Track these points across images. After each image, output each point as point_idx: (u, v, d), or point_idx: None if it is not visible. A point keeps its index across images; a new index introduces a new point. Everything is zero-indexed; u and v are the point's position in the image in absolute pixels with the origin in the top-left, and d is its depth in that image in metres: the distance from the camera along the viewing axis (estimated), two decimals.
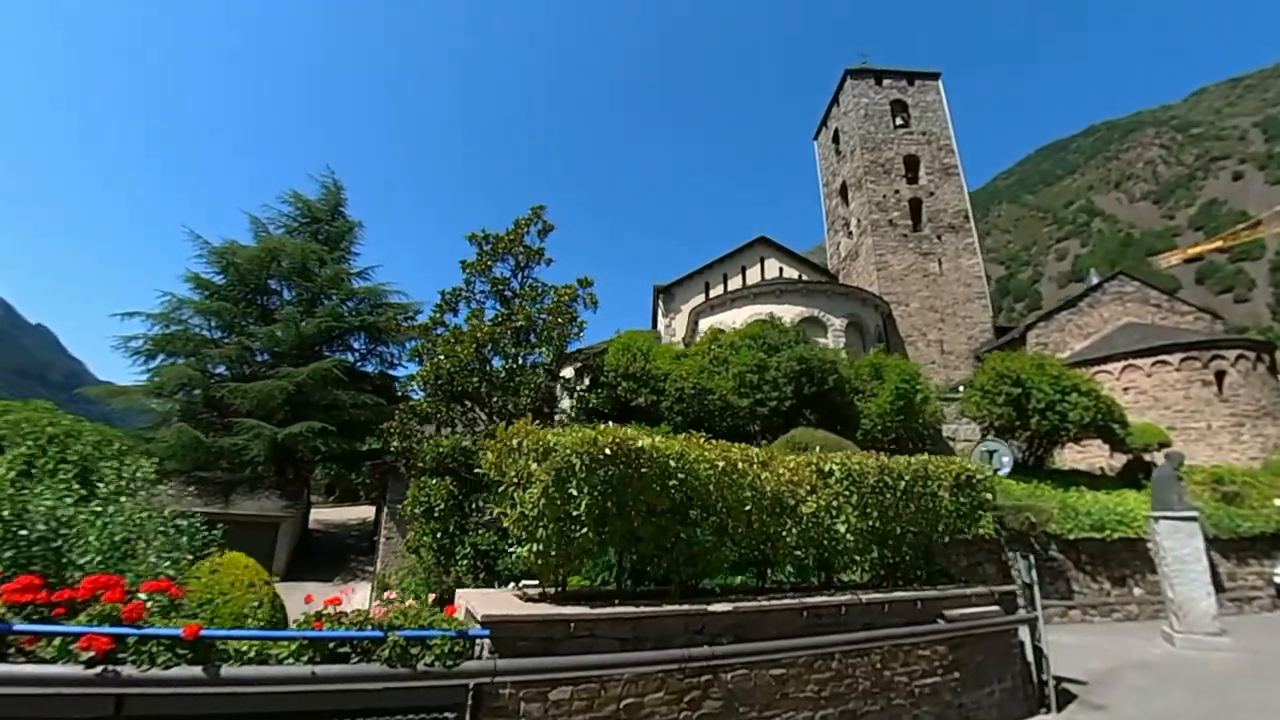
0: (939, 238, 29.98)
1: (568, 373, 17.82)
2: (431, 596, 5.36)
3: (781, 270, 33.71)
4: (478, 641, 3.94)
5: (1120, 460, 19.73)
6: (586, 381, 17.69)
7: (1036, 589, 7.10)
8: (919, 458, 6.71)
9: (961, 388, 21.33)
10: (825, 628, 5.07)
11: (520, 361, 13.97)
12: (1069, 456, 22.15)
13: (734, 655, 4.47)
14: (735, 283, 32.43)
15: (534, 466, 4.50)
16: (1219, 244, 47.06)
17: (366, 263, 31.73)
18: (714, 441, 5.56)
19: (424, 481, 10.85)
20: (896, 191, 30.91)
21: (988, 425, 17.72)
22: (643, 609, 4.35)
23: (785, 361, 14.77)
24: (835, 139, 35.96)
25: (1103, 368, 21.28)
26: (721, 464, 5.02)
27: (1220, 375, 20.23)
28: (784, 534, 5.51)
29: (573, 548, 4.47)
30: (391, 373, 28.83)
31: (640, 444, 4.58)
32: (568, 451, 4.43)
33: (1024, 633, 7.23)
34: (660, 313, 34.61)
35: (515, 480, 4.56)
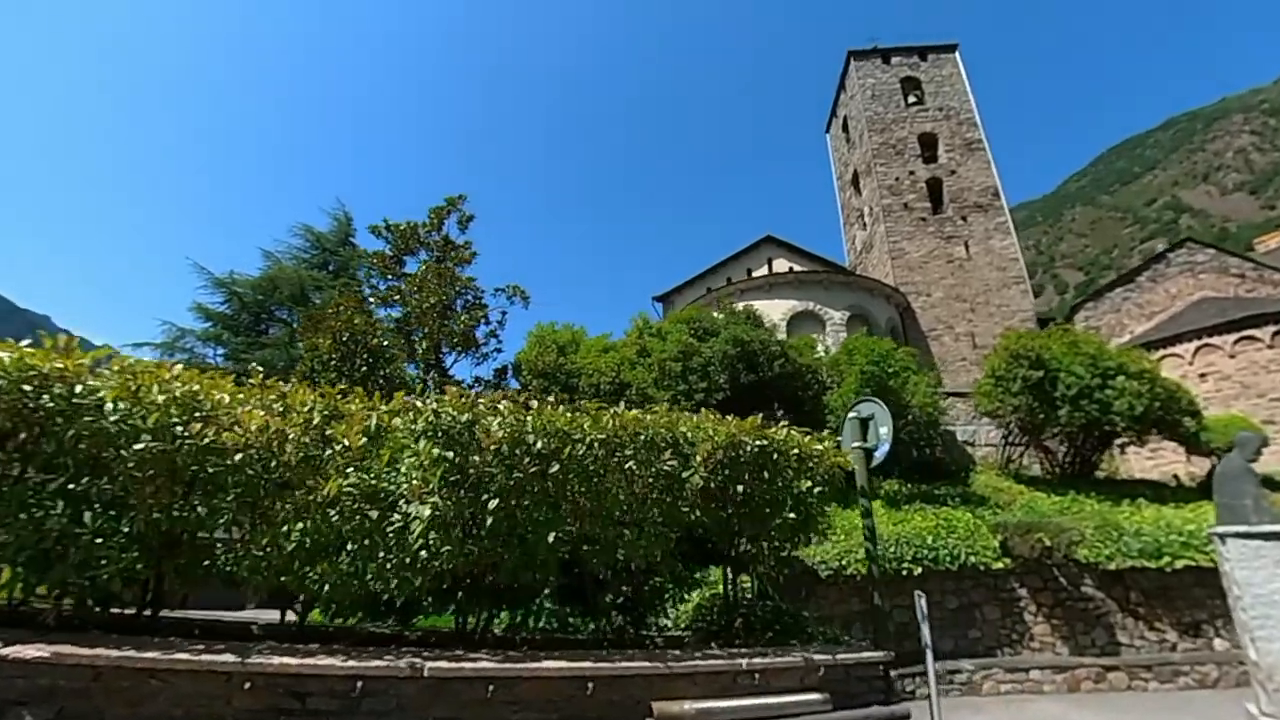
0: (964, 219, 26.11)
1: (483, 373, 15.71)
2: None
3: (792, 269, 30.63)
4: None
5: (1203, 466, 15.32)
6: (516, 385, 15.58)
7: (930, 652, 3.94)
8: (654, 413, 3.86)
9: None
10: None
11: (386, 356, 11.83)
12: (1135, 464, 17.72)
13: None
14: None
15: None
16: None
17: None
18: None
19: None
20: (911, 173, 27.40)
21: (1010, 422, 13.99)
22: None
23: (719, 345, 11.89)
24: (845, 127, 32.96)
25: (1170, 350, 16.89)
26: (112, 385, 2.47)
27: None
28: (276, 527, 2.83)
29: None
30: None
31: None
32: None
33: None
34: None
35: None
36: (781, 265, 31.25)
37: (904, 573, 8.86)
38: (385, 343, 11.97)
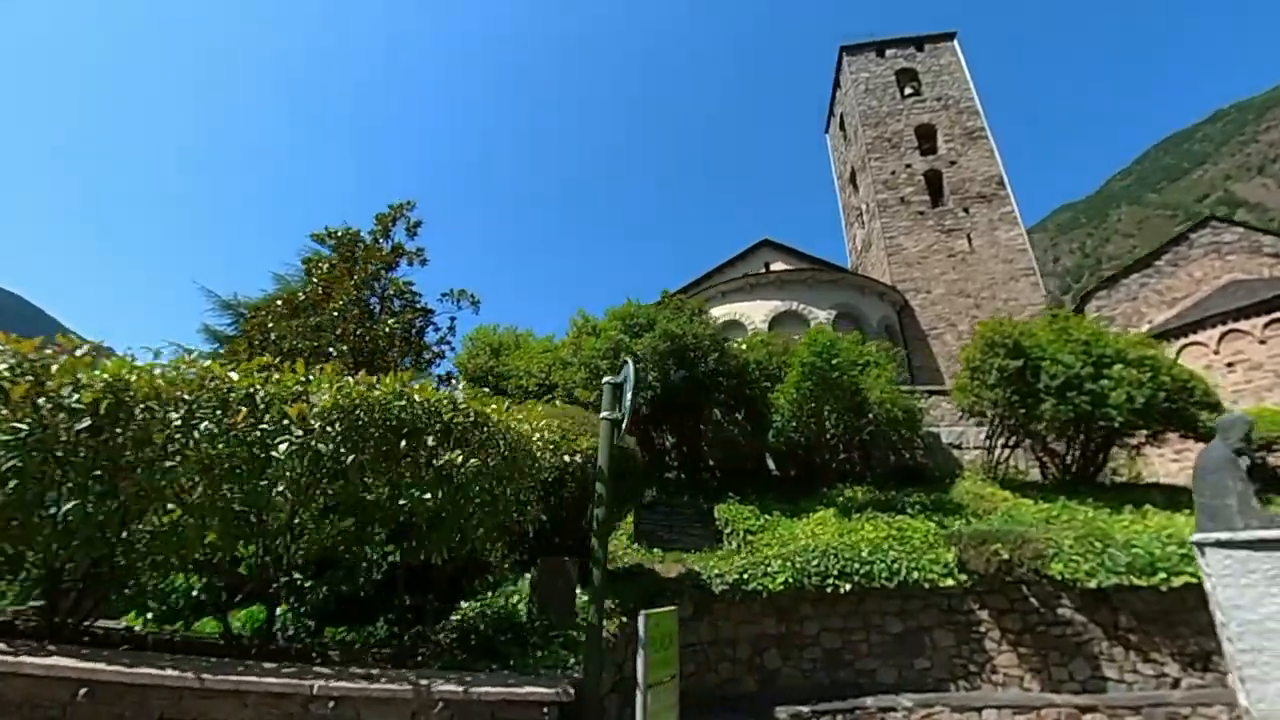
0: (966, 210, 24.47)
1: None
2: None
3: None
4: None
5: None
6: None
7: (642, 695, 2.79)
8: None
9: None
10: None
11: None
12: (1160, 466, 15.73)
13: None
14: None
15: None
16: None
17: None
18: None
19: None
20: (908, 166, 25.96)
21: (992, 419, 12.44)
22: None
23: (650, 340, 10.84)
24: (842, 125, 31.79)
25: (1192, 338, 14.97)
26: None
27: None
28: None
29: None
30: None
31: None
32: None
33: None
34: None
35: None
36: (779, 268, 30.04)
37: (829, 589, 7.53)
38: (300, 345, 11.36)
